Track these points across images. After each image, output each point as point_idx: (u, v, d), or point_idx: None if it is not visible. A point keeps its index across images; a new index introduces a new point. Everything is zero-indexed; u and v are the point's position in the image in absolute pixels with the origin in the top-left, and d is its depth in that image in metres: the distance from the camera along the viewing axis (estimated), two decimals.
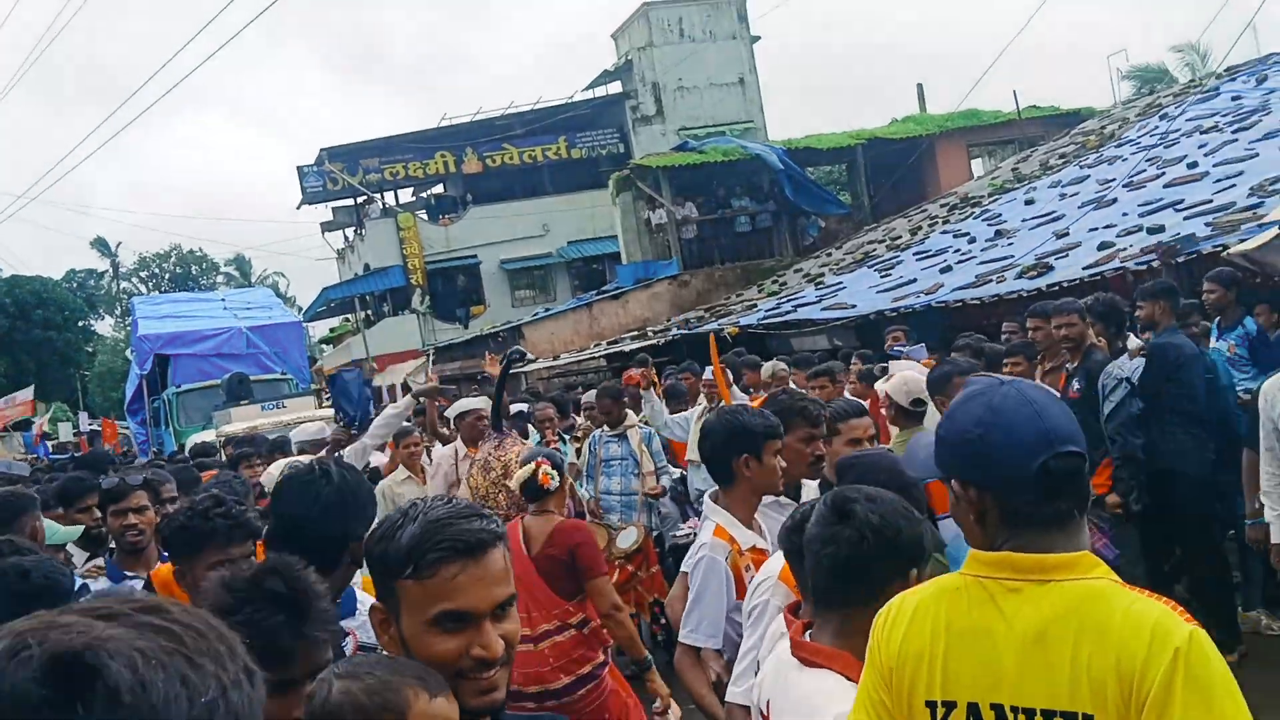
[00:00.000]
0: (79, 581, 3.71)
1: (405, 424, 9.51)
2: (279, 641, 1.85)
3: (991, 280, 12.12)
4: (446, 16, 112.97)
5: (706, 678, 3.28)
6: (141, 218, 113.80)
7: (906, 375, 5.47)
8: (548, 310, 27.79)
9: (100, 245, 62.04)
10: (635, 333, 20.04)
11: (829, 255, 21.17)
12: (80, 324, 39.11)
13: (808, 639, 2.17)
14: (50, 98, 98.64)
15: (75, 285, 47.02)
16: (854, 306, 13.53)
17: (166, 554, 3.76)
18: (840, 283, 16.31)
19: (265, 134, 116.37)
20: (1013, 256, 13.02)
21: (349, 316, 42.00)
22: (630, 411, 8.03)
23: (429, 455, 8.11)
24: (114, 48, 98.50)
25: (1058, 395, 1.88)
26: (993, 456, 1.73)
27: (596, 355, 19.17)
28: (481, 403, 7.83)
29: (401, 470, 7.80)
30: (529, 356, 18.81)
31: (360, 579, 2.80)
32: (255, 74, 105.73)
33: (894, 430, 5.39)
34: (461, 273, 33.70)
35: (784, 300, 16.67)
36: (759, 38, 33.67)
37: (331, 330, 45.27)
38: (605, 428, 7.85)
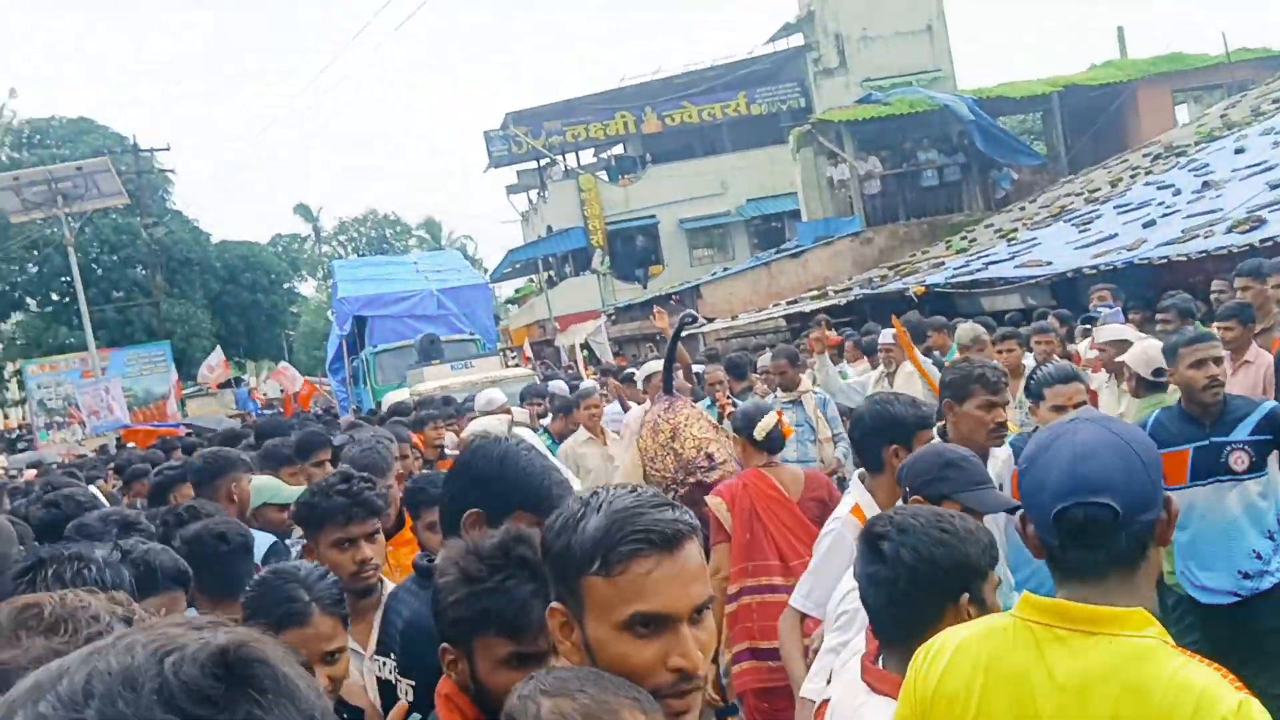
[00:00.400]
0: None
1: (587, 384, 9.69)
2: (531, 612, 1.73)
3: (1199, 235, 11.39)
4: None
5: (803, 646, 3.31)
6: (340, 184, 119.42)
7: (1146, 345, 5.35)
8: (726, 270, 27.70)
9: (303, 211, 65.67)
10: (815, 292, 19.74)
11: (1022, 209, 20.29)
12: (285, 286, 41.39)
13: (880, 663, 2.15)
14: (254, 70, 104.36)
15: (280, 249, 49.86)
16: (1049, 264, 12.93)
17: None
18: (1035, 238, 15.62)
19: (453, 100, 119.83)
20: (1222, 210, 12.23)
21: (533, 277, 43.10)
22: (805, 376, 7.83)
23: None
24: (309, 17, 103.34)
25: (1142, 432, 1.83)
26: (1027, 493, 1.75)
27: (775, 315, 18.98)
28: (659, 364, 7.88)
29: (582, 432, 7.77)
30: (700, 320, 18.76)
31: None
32: (442, 42, 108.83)
33: (1131, 403, 5.24)
34: (640, 233, 33.96)
35: (974, 257, 16.08)
36: None
37: (516, 291, 46.52)
38: (779, 391, 7.64)
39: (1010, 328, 8.00)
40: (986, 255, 15.76)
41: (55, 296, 33.09)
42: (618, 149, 37.27)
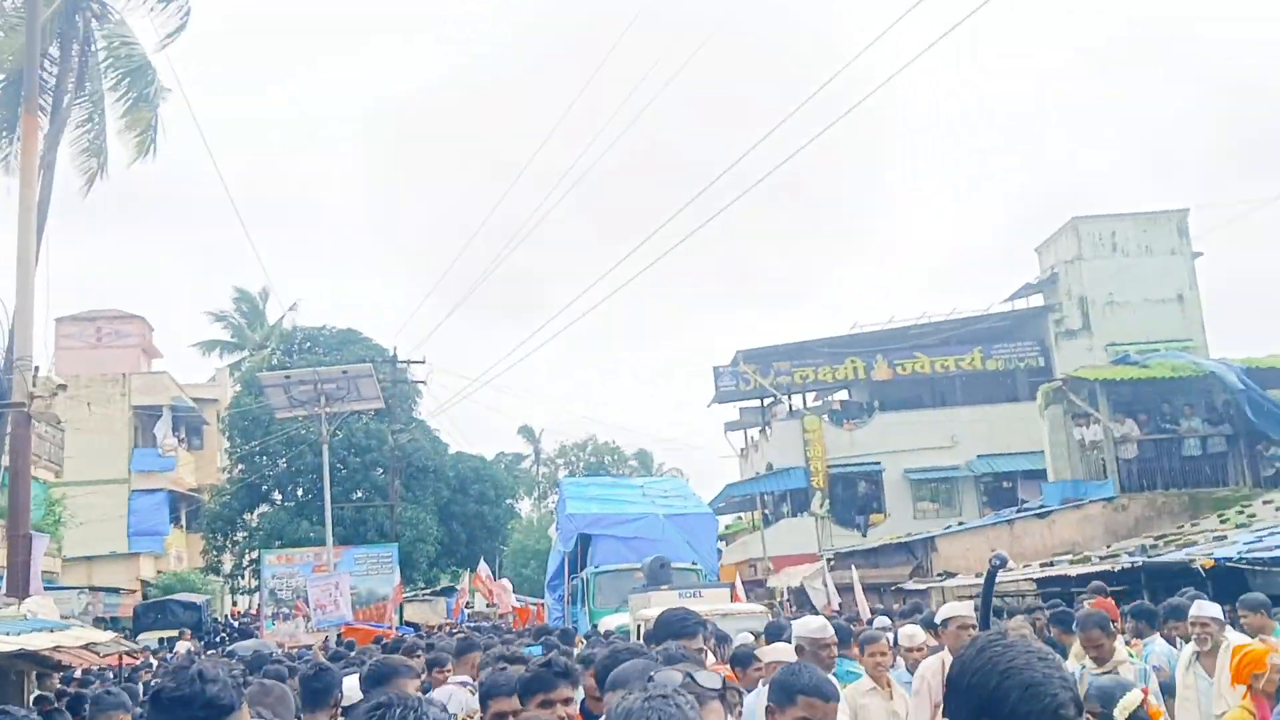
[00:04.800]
0: None
1: (874, 630, 9.11)
2: None
3: None
4: (858, 231, 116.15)
5: None
6: (564, 408, 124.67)
7: None
8: (961, 525, 26.53)
9: (527, 432, 68.32)
10: (1070, 556, 18.47)
11: None
12: (508, 502, 42.42)
13: None
14: (493, 310, 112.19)
15: (503, 466, 51.57)
16: None
17: None
18: None
19: (671, 344, 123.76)
20: None
21: (741, 515, 42.68)
22: (1119, 646, 7.05)
23: None
24: (545, 271, 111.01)
25: None
26: None
27: (1029, 577, 17.78)
28: (966, 609, 7.33)
29: (866, 680, 7.27)
30: (1010, 563, 17.79)
31: None
32: (654, 293, 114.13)
33: None
34: (863, 479, 33.37)
35: (1265, 534, 14.70)
36: (1201, 253, 31.57)
37: (726, 528, 46.10)
38: (1090, 664, 6.85)
39: None
40: None
41: (300, 492, 34.96)
42: (843, 394, 37.20)
